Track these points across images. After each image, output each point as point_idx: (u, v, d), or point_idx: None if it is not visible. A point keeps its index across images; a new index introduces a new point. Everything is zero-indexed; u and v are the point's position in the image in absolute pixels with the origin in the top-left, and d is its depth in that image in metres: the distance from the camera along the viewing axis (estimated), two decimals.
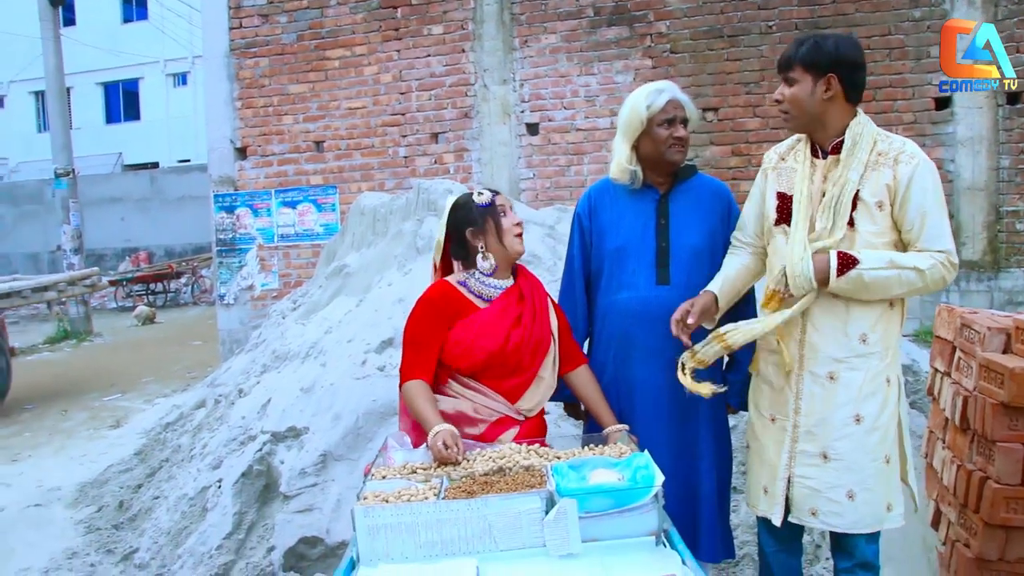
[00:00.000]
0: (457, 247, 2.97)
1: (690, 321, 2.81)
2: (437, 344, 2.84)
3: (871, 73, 7.96)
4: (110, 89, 34.85)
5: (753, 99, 8.29)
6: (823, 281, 2.65)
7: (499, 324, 2.83)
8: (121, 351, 13.54)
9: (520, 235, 2.90)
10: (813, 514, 2.80)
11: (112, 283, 19.67)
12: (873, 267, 2.62)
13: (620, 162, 3.07)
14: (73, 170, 15.88)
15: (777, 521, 2.86)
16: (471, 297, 2.89)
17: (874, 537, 2.87)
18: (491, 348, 2.79)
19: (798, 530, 3.00)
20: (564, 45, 8.80)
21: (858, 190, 2.72)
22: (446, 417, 2.71)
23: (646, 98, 3.01)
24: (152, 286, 21.01)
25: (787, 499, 2.86)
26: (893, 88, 8.03)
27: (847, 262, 2.62)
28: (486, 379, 2.84)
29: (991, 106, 7.83)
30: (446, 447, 2.51)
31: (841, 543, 2.91)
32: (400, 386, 2.85)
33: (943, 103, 7.98)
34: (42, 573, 4.70)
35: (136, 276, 21.06)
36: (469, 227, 2.91)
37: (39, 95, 32.86)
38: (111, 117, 35.03)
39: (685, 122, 3.04)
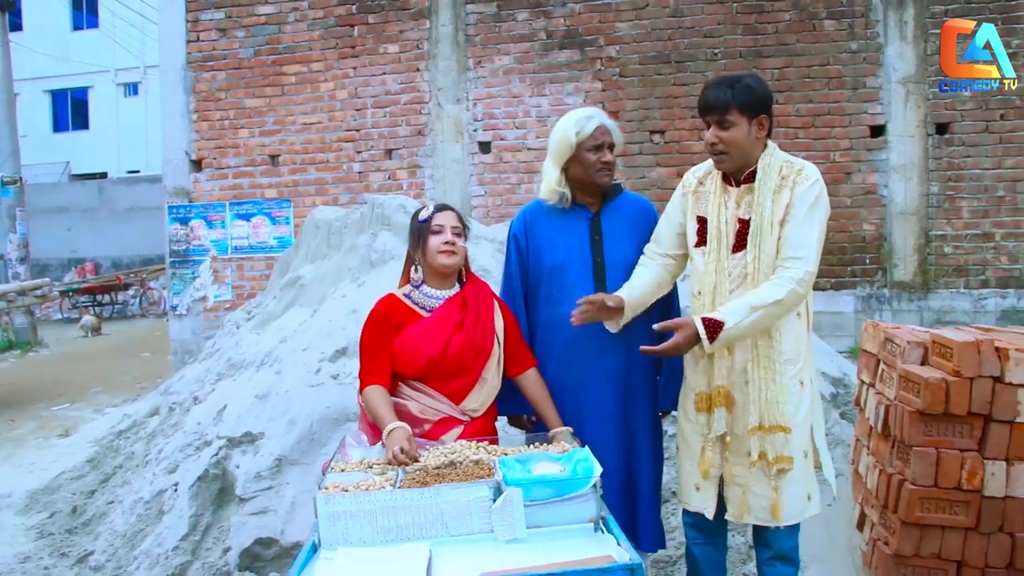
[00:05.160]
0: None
1: (610, 304, 2.99)
2: (388, 351, 3.05)
3: (811, 101, 8.38)
4: (58, 97, 34.31)
5: (699, 123, 8.47)
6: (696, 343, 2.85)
7: (439, 331, 3.04)
8: (68, 362, 13.40)
9: (448, 252, 3.06)
10: (747, 510, 3.00)
11: (59, 293, 19.42)
12: (737, 321, 2.81)
13: (550, 184, 3.27)
14: (21, 178, 15.71)
15: (710, 515, 3.06)
16: (415, 308, 3.11)
17: (794, 530, 3.08)
18: (431, 353, 3.01)
19: (723, 524, 3.19)
20: (517, 67, 9.03)
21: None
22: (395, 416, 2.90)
23: (575, 124, 3.20)
24: (99, 297, 20.76)
25: (720, 496, 3.07)
26: (831, 116, 8.38)
27: (714, 327, 2.82)
28: (431, 382, 3.04)
29: (922, 135, 8.23)
30: (401, 450, 2.66)
31: (762, 536, 3.11)
32: (360, 392, 3.05)
33: (878, 131, 8.35)
34: None
35: (83, 287, 20.80)
36: (410, 239, 3.17)
37: None
38: (59, 125, 34.47)
39: (612, 147, 3.23)
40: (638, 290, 3.12)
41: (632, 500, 3.22)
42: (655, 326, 2.95)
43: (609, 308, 3.02)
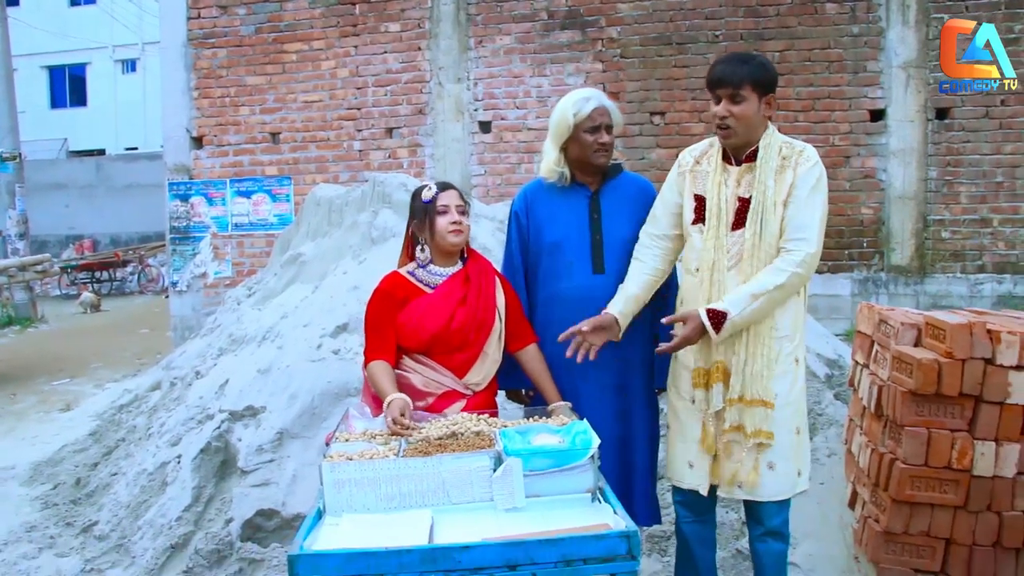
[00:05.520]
0: (413, 233, 3.25)
1: (584, 328, 3.04)
2: (392, 328, 3.11)
3: (811, 84, 8.40)
4: (55, 73, 34.18)
5: (699, 104, 8.62)
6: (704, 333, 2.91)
7: (443, 306, 3.10)
8: (68, 337, 13.45)
9: (456, 231, 3.12)
10: (739, 486, 3.05)
11: (59, 270, 19.46)
12: (741, 310, 2.87)
13: (549, 163, 3.33)
14: (20, 154, 15.72)
15: (704, 492, 3.12)
16: (419, 285, 3.17)
17: (784, 505, 3.14)
18: (435, 327, 3.08)
19: (713, 501, 3.26)
20: (518, 47, 9.05)
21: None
22: (399, 389, 2.97)
23: (573, 105, 3.25)
24: (97, 274, 20.80)
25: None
26: (831, 99, 8.42)
27: (718, 317, 2.88)
28: (435, 355, 3.11)
29: (922, 120, 8.27)
30: (395, 422, 2.74)
31: (754, 512, 3.16)
32: (365, 366, 3.12)
33: (877, 115, 8.39)
34: (1, 544, 4.79)
35: (82, 263, 20.84)
36: (414, 219, 3.21)
37: None
38: (56, 102, 34.37)
39: (609, 128, 3.27)
40: (635, 290, 3.16)
41: (627, 475, 3.28)
42: (663, 320, 3.00)
43: (602, 329, 3.08)
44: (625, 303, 3.15)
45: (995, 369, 3.36)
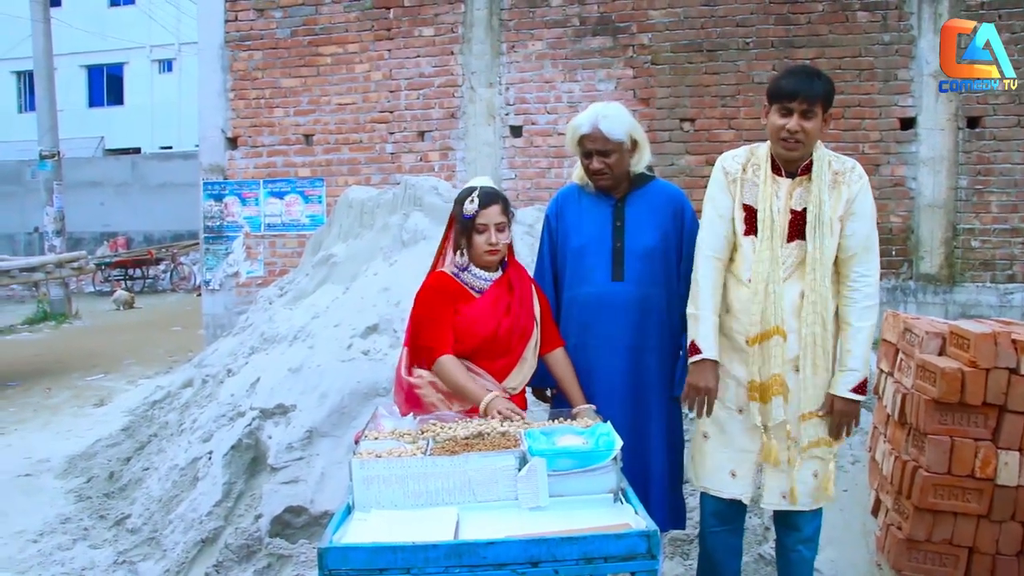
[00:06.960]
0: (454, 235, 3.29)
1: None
2: (448, 320, 3.16)
3: (841, 92, 8.35)
4: (93, 72, 34.73)
5: (729, 111, 8.63)
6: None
7: (492, 313, 3.17)
8: (101, 334, 13.69)
9: (491, 251, 3.16)
10: (784, 497, 3.09)
11: (95, 266, 19.77)
12: (867, 365, 3.05)
13: (578, 172, 3.45)
14: (58, 152, 15.99)
15: (747, 501, 3.16)
16: (466, 287, 3.22)
17: (819, 512, 3.19)
18: (484, 334, 3.15)
19: (743, 510, 3.29)
20: (550, 52, 9.10)
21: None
22: (439, 391, 3.09)
23: (571, 130, 3.34)
24: (131, 271, 21.11)
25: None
26: (862, 108, 8.39)
27: (862, 387, 3.04)
28: (478, 360, 3.18)
29: (952, 128, 8.21)
30: (508, 410, 2.89)
31: (790, 520, 3.20)
32: (433, 361, 3.15)
33: (908, 123, 8.35)
34: (37, 535, 4.93)
35: (115, 261, 21.17)
36: (456, 227, 3.25)
37: (21, 75, 32.82)
38: (94, 100, 34.90)
39: (605, 152, 3.27)
40: (715, 318, 3.16)
41: (644, 479, 3.28)
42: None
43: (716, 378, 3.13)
44: (715, 337, 3.14)
45: (1020, 379, 3.37)
